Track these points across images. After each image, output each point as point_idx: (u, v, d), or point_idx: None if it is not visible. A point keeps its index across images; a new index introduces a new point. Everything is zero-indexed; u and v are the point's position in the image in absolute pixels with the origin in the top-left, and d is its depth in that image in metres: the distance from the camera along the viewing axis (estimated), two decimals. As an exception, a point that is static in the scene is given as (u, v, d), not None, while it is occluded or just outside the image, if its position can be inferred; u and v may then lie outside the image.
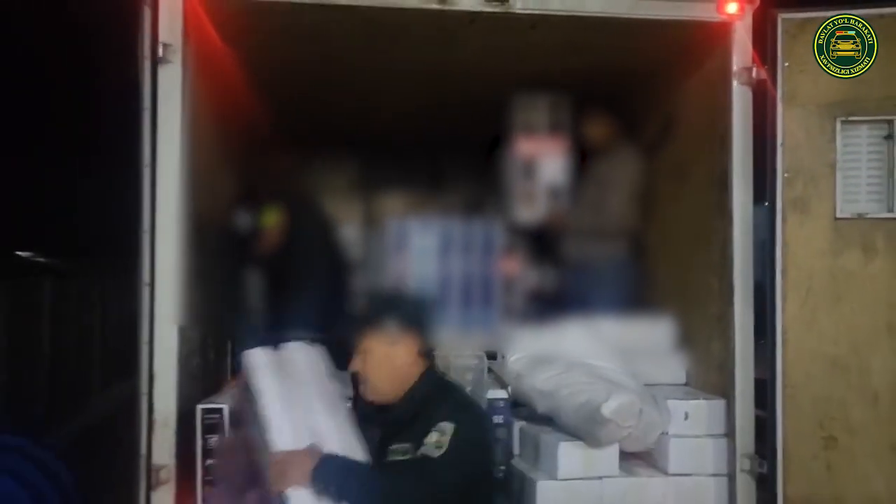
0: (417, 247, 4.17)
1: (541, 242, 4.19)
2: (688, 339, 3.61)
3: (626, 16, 3.16)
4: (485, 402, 3.03)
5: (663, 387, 3.52)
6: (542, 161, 4.10)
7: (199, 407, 2.92)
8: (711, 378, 3.37)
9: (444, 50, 3.48)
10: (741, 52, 3.15)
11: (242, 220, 3.71)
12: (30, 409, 6.99)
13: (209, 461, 2.85)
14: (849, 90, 3.03)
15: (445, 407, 2.28)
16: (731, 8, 3.14)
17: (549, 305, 4.00)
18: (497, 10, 3.07)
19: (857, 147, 3.05)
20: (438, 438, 2.19)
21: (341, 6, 2.99)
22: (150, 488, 2.79)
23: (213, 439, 2.86)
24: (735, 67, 3.14)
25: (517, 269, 4.19)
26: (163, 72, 2.87)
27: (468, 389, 3.00)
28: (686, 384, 3.61)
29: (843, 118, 3.03)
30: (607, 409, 2.99)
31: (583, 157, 4.08)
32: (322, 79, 3.71)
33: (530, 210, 4.11)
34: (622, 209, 3.98)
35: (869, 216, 3.02)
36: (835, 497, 2.98)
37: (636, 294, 3.95)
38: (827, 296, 3.01)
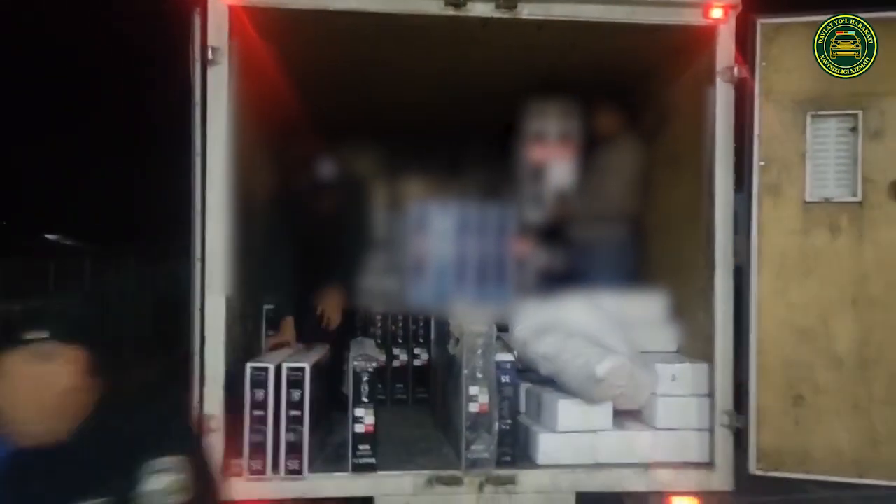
0: (437, 228, 4.57)
1: (549, 228, 4.55)
2: (678, 311, 3.98)
3: (623, 20, 3.52)
4: (494, 364, 3.42)
5: (656, 353, 3.90)
6: (551, 166, 4.46)
7: (249, 365, 3.33)
8: (699, 345, 3.72)
9: (461, 48, 3.83)
10: (725, 52, 3.49)
11: (326, 169, 4.15)
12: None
13: (256, 412, 3.26)
14: (819, 87, 3.37)
15: (150, 437, 1.74)
16: (716, 13, 3.48)
17: (555, 281, 4.38)
18: (506, 15, 3.45)
19: (826, 138, 3.40)
20: (173, 480, 1.68)
21: (368, 13, 3.38)
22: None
23: (260, 393, 3.27)
24: (719, 66, 3.49)
25: (527, 250, 4.57)
26: (211, 72, 3.27)
27: (479, 353, 3.39)
28: (677, 351, 3.98)
29: (813, 112, 3.37)
30: (601, 370, 3.39)
31: (589, 146, 4.45)
32: (352, 75, 4.08)
33: (538, 211, 4.48)
34: (622, 193, 4.35)
35: (835, 200, 3.37)
36: (802, 449, 3.36)
37: (635, 270, 4.32)
38: (797, 271, 3.37)
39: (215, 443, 3.22)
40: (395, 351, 4.80)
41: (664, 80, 4.06)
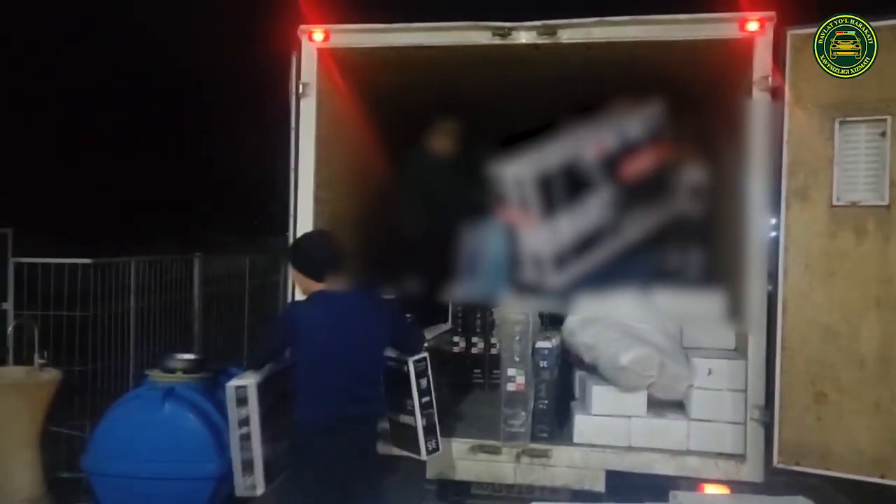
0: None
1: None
2: (735, 311, 4.12)
3: (663, 38, 3.80)
4: (531, 349, 3.83)
5: (712, 350, 4.10)
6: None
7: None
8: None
9: (522, 67, 4.26)
10: (761, 63, 3.66)
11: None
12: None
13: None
14: (846, 94, 3.43)
15: None
16: (752, 26, 3.66)
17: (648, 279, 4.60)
18: (548, 41, 3.87)
19: (856, 143, 3.45)
20: None
21: (431, 46, 3.97)
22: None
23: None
24: (756, 76, 3.66)
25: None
26: (303, 103, 4.02)
27: (516, 339, 3.82)
28: (735, 349, 4.13)
29: (841, 119, 3.44)
30: (625, 359, 3.72)
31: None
32: (423, 96, 4.62)
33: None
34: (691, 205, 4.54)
35: (862, 204, 3.42)
36: (823, 444, 3.45)
37: (701, 273, 4.49)
38: (822, 272, 3.46)
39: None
40: (474, 339, 5.25)
41: (726, 91, 4.20)
